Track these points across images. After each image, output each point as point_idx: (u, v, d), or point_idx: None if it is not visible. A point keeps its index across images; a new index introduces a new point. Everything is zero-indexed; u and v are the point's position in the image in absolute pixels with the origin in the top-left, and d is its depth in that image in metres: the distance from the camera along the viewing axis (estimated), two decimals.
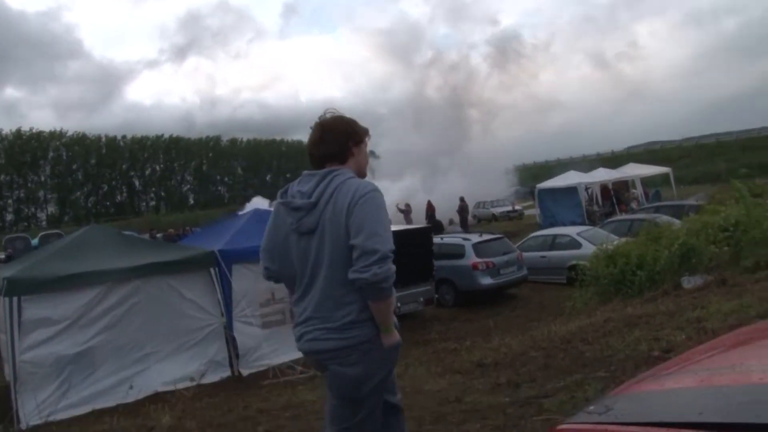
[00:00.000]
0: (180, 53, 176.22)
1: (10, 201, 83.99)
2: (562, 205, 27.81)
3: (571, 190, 27.81)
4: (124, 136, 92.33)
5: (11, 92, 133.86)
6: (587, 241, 15.56)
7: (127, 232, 39.82)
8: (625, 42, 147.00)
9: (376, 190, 2.78)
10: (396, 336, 2.86)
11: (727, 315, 6.29)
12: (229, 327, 10.46)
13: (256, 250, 9.56)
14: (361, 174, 2.99)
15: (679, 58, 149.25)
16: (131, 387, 9.17)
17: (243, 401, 7.28)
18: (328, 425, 2.99)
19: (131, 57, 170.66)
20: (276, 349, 10.67)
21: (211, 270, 10.45)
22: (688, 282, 9.66)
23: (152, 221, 68.63)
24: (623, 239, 14.57)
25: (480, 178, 42.75)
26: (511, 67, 57.93)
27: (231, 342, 10.48)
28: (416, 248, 13.39)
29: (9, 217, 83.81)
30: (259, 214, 12.91)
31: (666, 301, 8.76)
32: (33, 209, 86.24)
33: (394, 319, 2.89)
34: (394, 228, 14.68)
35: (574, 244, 15.94)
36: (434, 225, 27.12)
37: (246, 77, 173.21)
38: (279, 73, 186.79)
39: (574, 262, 14.86)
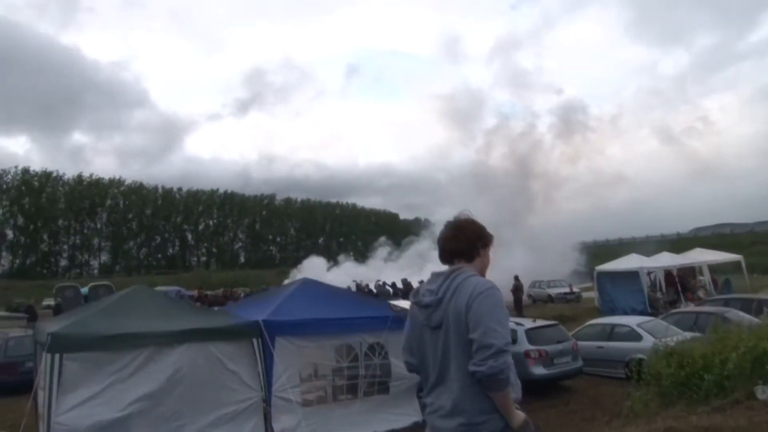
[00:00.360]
0: (242, 108, 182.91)
1: (65, 246, 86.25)
2: (622, 290, 26.78)
3: (632, 275, 26.64)
4: (179, 189, 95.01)
5: (79, 137, 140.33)
6: (648, 333, 14.75)
7: (171, 288, 40.35)
8: (694, 117, 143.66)
9: (493, 287, 3.01)
10: (520, 416, 3.00)
11: None
12: (268, 402, 10.09)
13: (300, 323, 9.36)
14: (482, 274, 3.24)
15: (752, 135, 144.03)
16: None
17: None
18: None
19: (194, 109, 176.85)
20: (314, 430, 10.33)
21: (254, 341, 10.20)
22: (763, 392, 8.89)
23: (202, 277, 69.57)
24: (687, 334, 13.81)
25: (543, 254, 41.82)
26: (575, 138, 57.66)
27: (269, 418, 10.09)
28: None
29: (63, 262, 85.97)
30: (307, 285, 12.67)
31: (736, 412, 8.07)
32: (86, 257, 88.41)
33: (516, 405, 3.07)
34: None
35: (634, 336, 15.11)
36: None
37: (305, 136, 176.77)
38: (338, 133, 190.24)
39: (633, 356, 14.09)
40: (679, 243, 50.84)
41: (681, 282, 27.61)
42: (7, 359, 15.94)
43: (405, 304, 14.43)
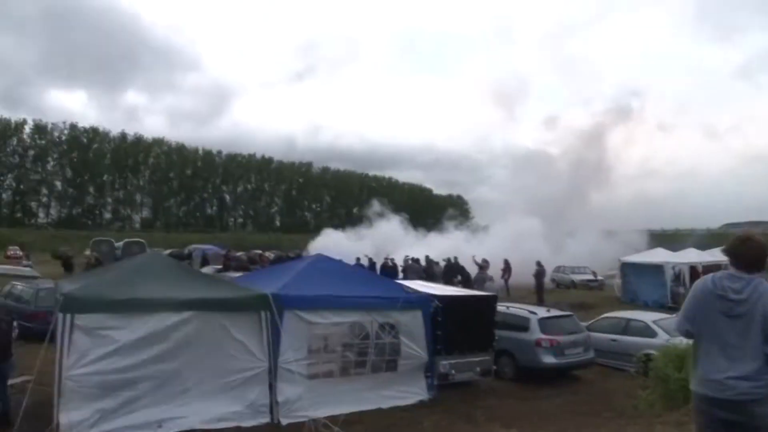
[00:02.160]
0: (294, 77, 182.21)
1: (109, 200, 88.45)
2: (646, 282, 26.48)
3: (656, 268, 26.46)
4: (219, 152, 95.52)
5: (133, 96, 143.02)
6: (663, 331, 14.57)
7: (207, 246, 40.99)
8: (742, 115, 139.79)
9: None
10: None
11: None
12: (273, 373, 10.26)
13: (309, 298, 9.45)
14: None
15: None
16: (160, 426, 9.10)
17: None
18: None
19: (245, 76, 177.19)
20: (318, 402, 10.42)
21: (262, 313, 10.31)
22: None
23: (238, 238, 70.43)
24: None
25: (609, 238, 42.51)
26: (624, 128, 57.23)
27: (273, 389, 10.28)
28: (479, 315, 12.88)
29: (107, 215, 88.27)
30: (321, 261, 12.70)
31: None
32: (128, 211, 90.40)
33: None
34: (458, 293, 13.89)
35: (649, 332, 14.91)
36: (464, 279, 26.73)
37: (353, 108, 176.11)
38: (385, 107, 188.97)
39: (646, 352, 13.93)
40: (712, 237, 50.26)
41: None
42: (38, 308, 16.39)
43: (420, 286, 14.37)
